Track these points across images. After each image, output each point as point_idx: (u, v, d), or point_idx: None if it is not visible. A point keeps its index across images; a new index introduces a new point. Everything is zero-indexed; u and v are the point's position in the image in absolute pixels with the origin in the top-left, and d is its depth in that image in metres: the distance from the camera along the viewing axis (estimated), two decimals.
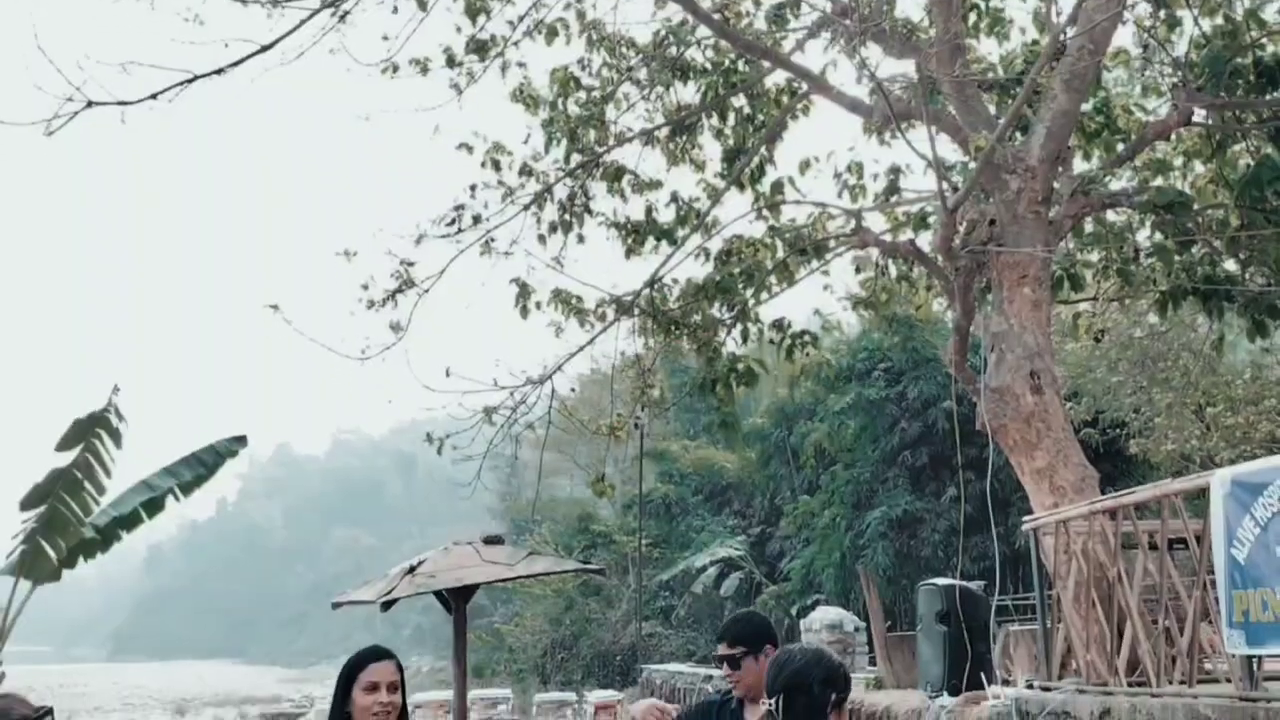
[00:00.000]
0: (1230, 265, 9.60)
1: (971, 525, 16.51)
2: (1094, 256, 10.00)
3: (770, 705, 2.67)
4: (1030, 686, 6.41)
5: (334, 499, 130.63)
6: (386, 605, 8.20)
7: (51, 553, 8.69)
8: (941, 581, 7.95)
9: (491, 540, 9.40)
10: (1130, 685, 5.68)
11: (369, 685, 3.30)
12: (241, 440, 10.01)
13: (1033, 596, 8.50)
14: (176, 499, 9.60)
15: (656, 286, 9.51)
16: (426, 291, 9.26)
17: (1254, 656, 4.70)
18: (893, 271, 10.35)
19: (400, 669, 3.42)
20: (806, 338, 9.67)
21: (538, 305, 9.58)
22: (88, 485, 8.70)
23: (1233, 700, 4.52)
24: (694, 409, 35.84)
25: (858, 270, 10.46)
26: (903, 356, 22.84)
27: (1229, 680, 5.07)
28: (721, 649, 3.79)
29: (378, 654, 3.42)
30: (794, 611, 23.45)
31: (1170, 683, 5.34)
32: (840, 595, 22.78)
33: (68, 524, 8.65)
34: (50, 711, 2.60)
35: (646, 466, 27.78)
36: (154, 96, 7.14)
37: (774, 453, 28.88)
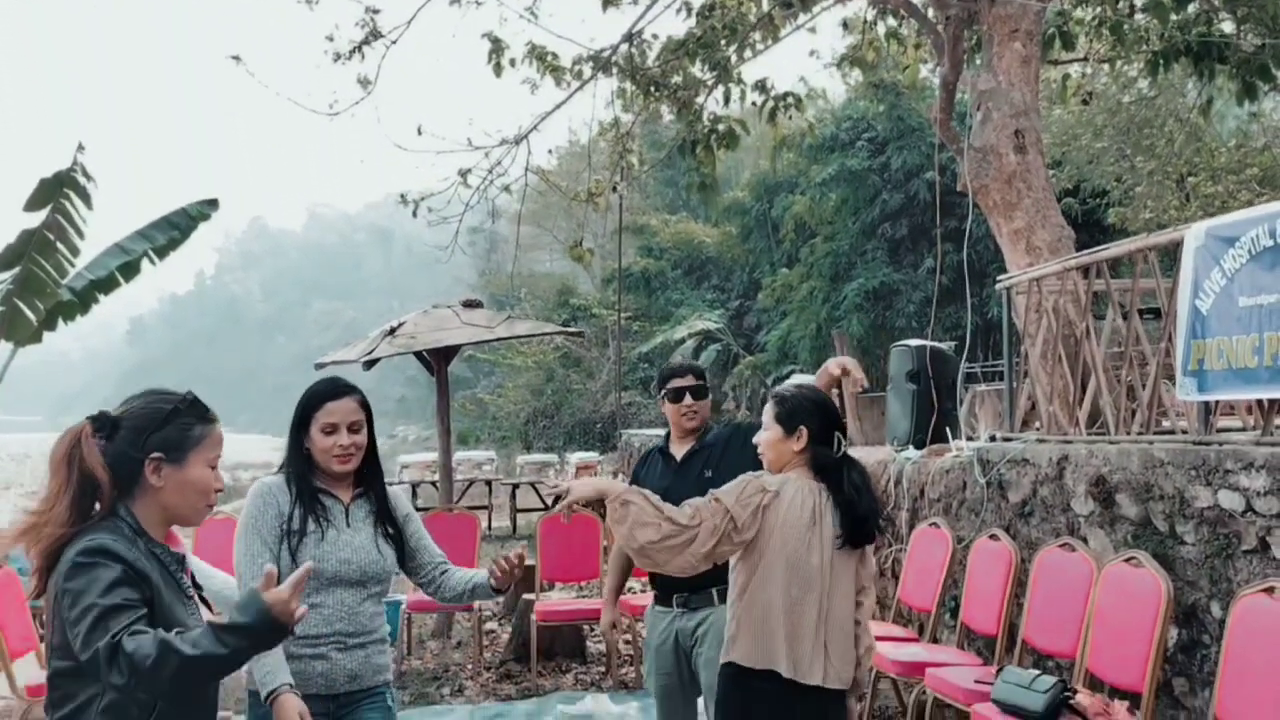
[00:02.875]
0: (1226, 26, 9.34)
1: (945, 296, 16.74)
2: (1087, 15, 9.68)
3: (848, 442, 3.30)
4: (993, 439, 6.64)
5: (312, 272, 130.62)
6: (369, 365, 8.37)
7: (30, 314, 8.68)
8: (913, 342, 8.09)
9: (471, 304, 9.48)
10: (1090, 435, 5.90)
11: (327, 426, 2.97)
12: (213, 203, 9.84)
13: (1000, 364, 8.69)
14: (152, 263, 9.53)
15: (635, 42, 9.15)
16: (394, 43, 8.88)
17: (1204, 403, 4.86)
18: (881, 30, 10.00)
19: (365, 405, 3.05)
20: (790, 99, 9.42)
21: (511, 62, 9.23)
22: (60, 246, 8.60)
23: (1186, 444, 4.70)
24: (674, 183, 35.45)
25: (845, 27, 10.10)
26: (888, 125, 22.42)
27: (1184, 433, 5.26)
28: (689, 380, 4.18)
29: (335, 390, 3.02)
30: (769, 381, 24.06)
31: (1129, 433, 5.54)
32: (815, 365, 23.28)
33: (44, 286, 8.60)
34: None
35: (626, 241, 27.70)
36: None
37: (754, 227, 28.80)
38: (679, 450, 4.22)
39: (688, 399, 4.15)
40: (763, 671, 3.07)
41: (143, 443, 2.20)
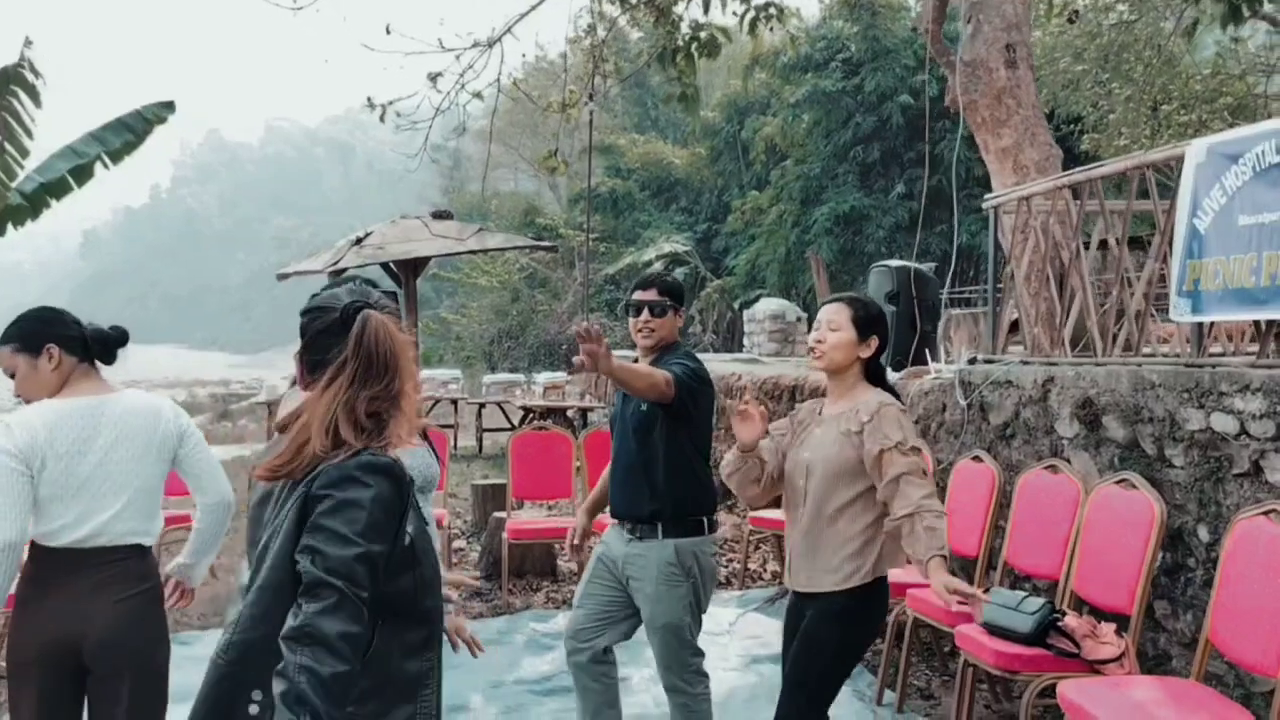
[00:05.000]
0: None
1: (917, 222, 16.62)
2: None
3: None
4: (973, 361, 6.53)
5: (271, 187, 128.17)
6: (336, 275, 8.11)
7: None
8: (893, 262, 7.96)
9: (440, 215, 9.21)
10: (1076, 357, 5.81)
11: None
12: (169, 106, 9.39)
13: (971, 289, 8.59)
14: (106, 166, 9.10)
15: None
16: None
17: (1198, 324, 4.77)
18: None
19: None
20: (772, 10, 9.11)
21: None
22: (8, 147, 8.16)
23: (1178, 366, 4.61)
24: (642, 103, 34.83)
25: None
26: (863, 46, 22.05)
27: (1175, 355, 5.18)
28: (651, 294, 3.82)
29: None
30: (737, 305, 23.94)
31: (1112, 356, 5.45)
32: (783, 289, 23.22)
33: None
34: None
35: (594, 160, 27.21)
36: None
37: (724, 148, 28.43)
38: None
39: (644, 315, 3.82)
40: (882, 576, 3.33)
41: None
